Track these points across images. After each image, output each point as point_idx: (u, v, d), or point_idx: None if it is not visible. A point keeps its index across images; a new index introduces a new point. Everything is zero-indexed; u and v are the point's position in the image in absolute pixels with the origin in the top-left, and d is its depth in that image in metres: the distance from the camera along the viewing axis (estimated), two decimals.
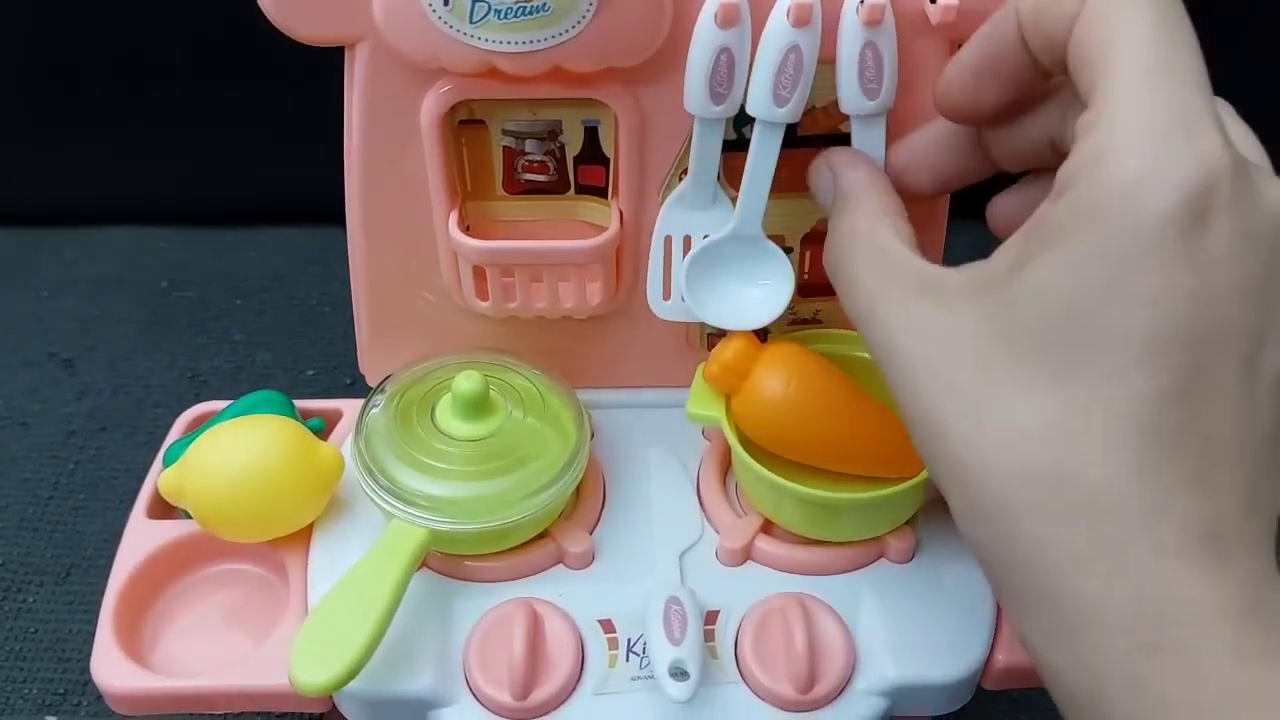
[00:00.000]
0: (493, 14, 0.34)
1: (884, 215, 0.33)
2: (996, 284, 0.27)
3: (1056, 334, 0.25)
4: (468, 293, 0.42)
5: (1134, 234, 0.24)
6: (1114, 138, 0.25)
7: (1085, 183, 0.25)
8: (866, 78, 0.36)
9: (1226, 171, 0.24)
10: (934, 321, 0.28)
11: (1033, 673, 0.37)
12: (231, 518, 0.38)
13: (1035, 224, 0.26)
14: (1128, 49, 0.26)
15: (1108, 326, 0.24)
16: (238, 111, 0.69)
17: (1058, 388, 0.25)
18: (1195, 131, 0.24)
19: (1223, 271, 0.24)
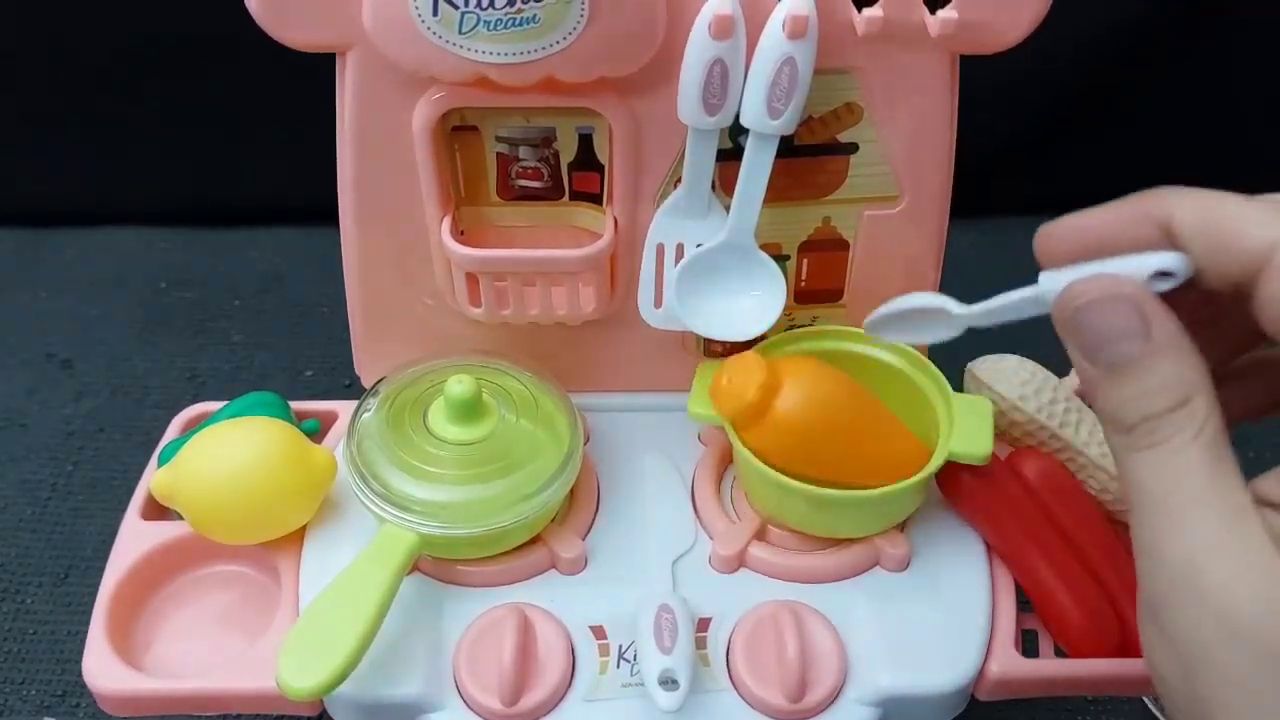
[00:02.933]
0: (482, 25, 0.34)
1: (1227, 443, 0.28)
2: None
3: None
4: (461, 299, 0.42)
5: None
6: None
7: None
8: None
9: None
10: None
11: (1027, 683, 0.38)
12: (223, 520, 0.38)
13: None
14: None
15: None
16: (237, 112, 0.69)
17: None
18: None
19: None
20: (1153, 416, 0.27)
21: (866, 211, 0.41)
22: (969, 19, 0.36)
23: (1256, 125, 0.73)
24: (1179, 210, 0.29)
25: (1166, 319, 0.28)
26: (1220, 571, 0.26)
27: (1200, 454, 0.27)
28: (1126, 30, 0.69)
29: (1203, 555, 0.26)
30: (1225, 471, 0.27)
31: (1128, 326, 0.28)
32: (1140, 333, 0.28)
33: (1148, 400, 0.27)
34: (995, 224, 0.75)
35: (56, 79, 0.70)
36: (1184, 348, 0.28)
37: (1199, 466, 0.27)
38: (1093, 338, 0.29)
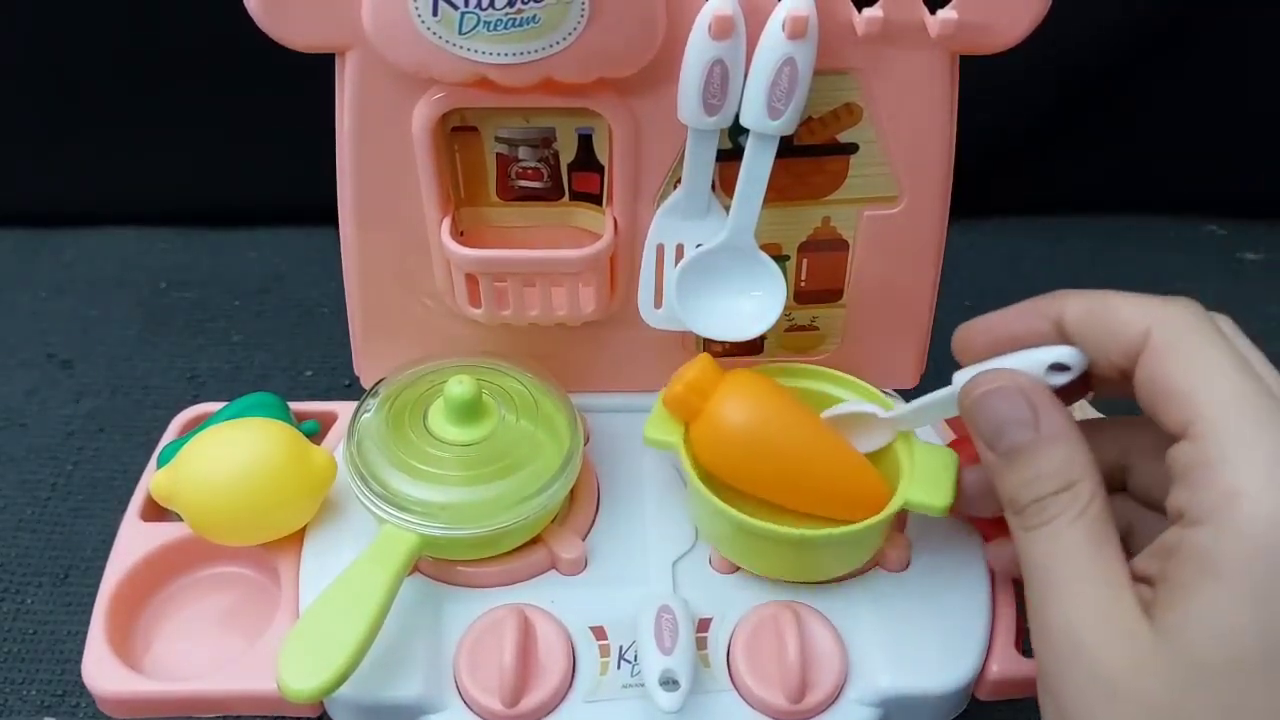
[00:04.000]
0: (482, 25, 0.34)
1: (1110, 522, 0.30)
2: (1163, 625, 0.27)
3: (1252, 666, 0.26)
4: (461, 299, 0.42)
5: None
6: (1242, 478, 0.27)
7: (1229, 518, 0.27)
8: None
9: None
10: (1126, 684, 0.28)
11: (1027, 683, 0.38)
12: (223, 521, 0.38)
13: (1175, 554, 0.28)
14: (1218, 386, 0.28)
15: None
16: (237, 112, 0.68)
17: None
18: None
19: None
20: (1041, 498, 0.30)
21: (866, 212, 0.41)
22: (969, 19, 0.36)
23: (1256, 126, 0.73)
24: (1068, 307, 0.32)
25: (1054, 409, 0.31)
26: (1097, 638, 0.28)
27: (1082, 533, 0.29)
28: (1126, 30, 0.69)
29: (1081, 625, 0.28)
30: (1105, 548, 0.29)
31: (1018, 416, 0.31)
32: (1029, 422, 0.31)
33: (1037, 484, 0.30)
34: (995, 224, 0.76)
35: (56, 79, 0.69)
36: (1071, 435, 0.30)
37: (1081, 544, 0.29)
38: (988, 426, 0.32)
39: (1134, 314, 0.30)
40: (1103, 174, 0.75)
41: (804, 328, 0.45)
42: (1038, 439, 0.31)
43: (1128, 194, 0.76)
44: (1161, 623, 0.27)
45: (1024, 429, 0.31)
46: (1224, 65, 0.70)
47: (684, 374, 0.38)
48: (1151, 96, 0.72)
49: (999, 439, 0.31)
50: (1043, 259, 0.74)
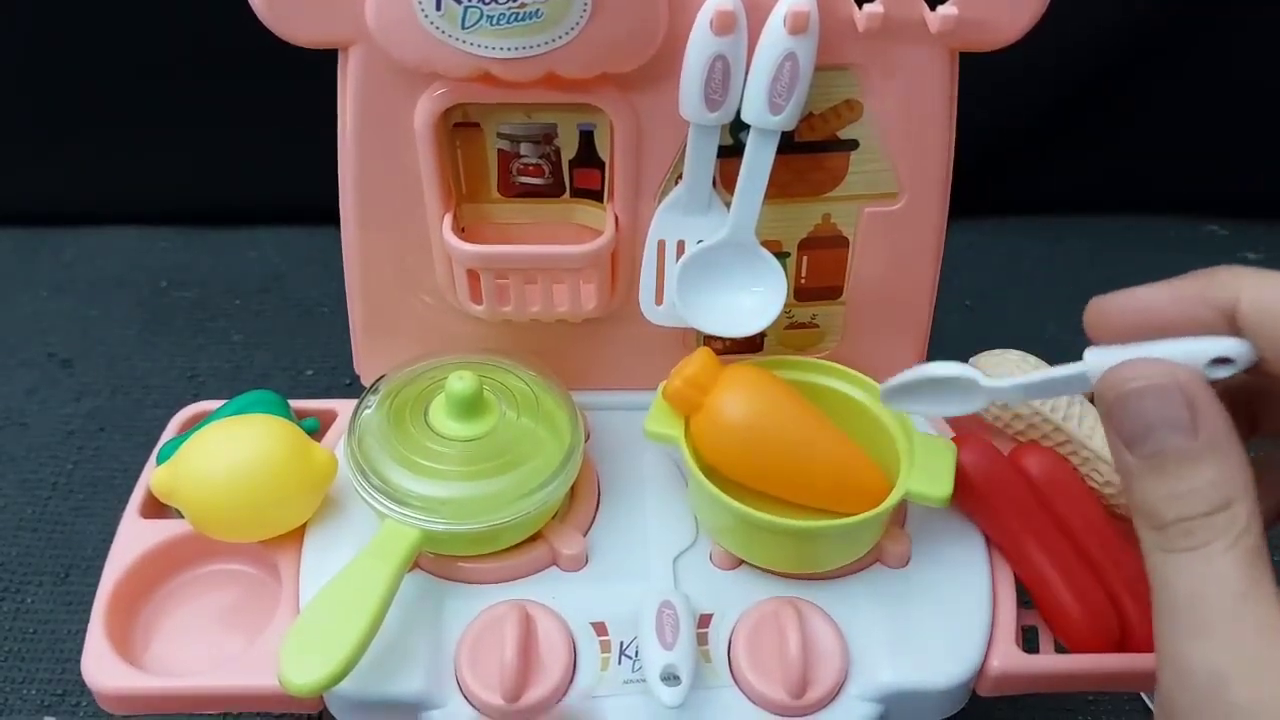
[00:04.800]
0: (485, 20, 0.34)
1: (1266, 553, 0.26)
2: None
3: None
4: (462, 296, 0.42)
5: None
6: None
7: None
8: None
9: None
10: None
11: (1027, 679, 0.38)
12: (223, 517, 0.38)
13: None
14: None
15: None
16: (237, 112, 0.69)
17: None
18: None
19: None
20: (1190, 518, 0.26)
21: (866, 209, 0.41)
22: (969, 15, 0.36)
23: (1256, 126, 0.73)
24: (1247, 294, 0.27)
25: (1216, 415, 0.26)
26: (1246, 691, 0.24)
27: (1236, 563, 0.25)
28: (1126, 30, 0.69)
29: (1230, 672, 0.25)
30: (1260, 584, 0.25)
31: (1174, 418, 0.26)
32: (1186, 427, 0.26)
33: (1187, 500, 0.26)
34: (995, 224, 0.76)
35: (56, 79, 0.70)
36: (1231, 448, 0.26)
37: (1233, 576, 0.25)
38: (1135, 425, 0.27)
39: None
40: (1103, 174, 0.75)
41: (804, 325, 0.45)
42: (1194, 447, 0.26)
43: (1128, 194, 0.77)
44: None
45: (1179, 434, 0.26)
46: (1224, 65, 0.70)
47: (683, 368, 0.38)
48: (1151, 96, 0.72)
49: (1144, 441, 0.27)
50: (1043, 259, 0.74)
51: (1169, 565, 0.26)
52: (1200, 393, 0.27)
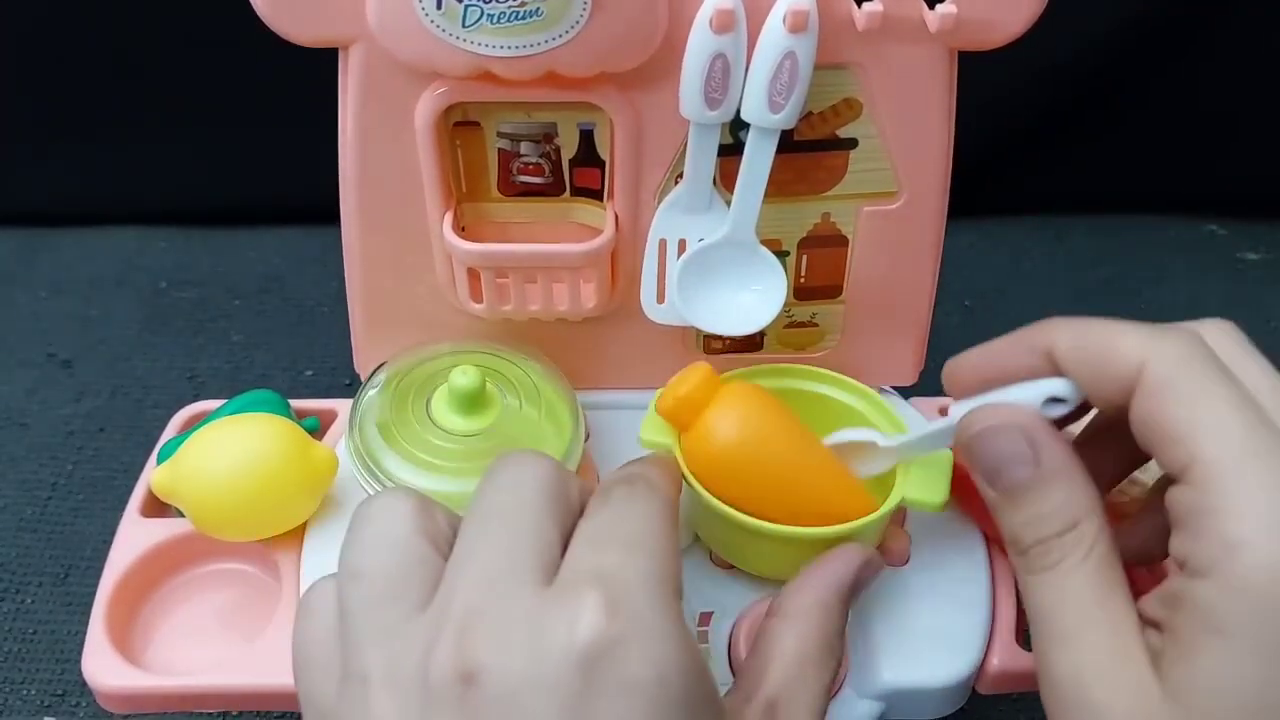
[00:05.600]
0: (486, 18, 0.34)
1: (1117, 563, 0.29)
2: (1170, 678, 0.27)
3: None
4: (462, 294, 0.42)
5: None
6: (1246, 530, 0.26)
7: (1231, 572, 0.26)
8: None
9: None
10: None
11: (1027, 677, 0.38)
12: (224, 516, 0.38)
13: (1181, 606, 0.27)
14: (1217, 429, 0.27)
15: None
16: (237, 111, 0.69)
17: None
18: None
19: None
20: (1044, 540, 0.29)
21: (866, 208, 0.41)
22: (968, 14, 0.36)
23: (1256, 126, 0.73)
24: (1058, 339, 0.31)
25: (1055, 445, 0.30)
26: (1102, 690, 0.27)
27: (1088, 576, 0.28)
28: (1126, 30, 0.69)
29: (1087, 674, 0.27)
30: (1114, 593, 0.28)
31: (1017, 452, 0.30)
32: (1029, 459, 0.30)
33: (1039, 524, 0.29)
34: (995, 224, 0.76)
35: (56, 79, 0.70)
36: (1073, 472, 0.29)
37: (1087, 587, 0.28)
38: (987, 464, 0.31)
39: (1127, 347, 0.29)
40: (1103, 174, 0.75)
41: (803, 324, 0.45)
42: (1038, 476, 0.30)
43: (1128, 194, 0.77)
44: (1169, 678, 0.26)
45: (1024, 466, 0.30)
46: (1224, 65, 0.70)
47: (677, 387, 0.37)
48: (1151, 96, 0.72)
49: (998, 477, 0.30)
50: (1043, 259, 0.74)
51: (1032, 585, 0.29)
52: (1037, 428, 0.30)
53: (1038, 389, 0.31)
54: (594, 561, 0.28)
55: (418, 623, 0.27)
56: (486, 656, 0.25)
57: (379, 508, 0.30)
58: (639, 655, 0.25)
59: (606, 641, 0.25)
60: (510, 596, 0.26)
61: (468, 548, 0.28)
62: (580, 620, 0.25)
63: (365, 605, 0.28)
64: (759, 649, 0.32)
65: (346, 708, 0.26)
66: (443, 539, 0.29)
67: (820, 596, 0.33)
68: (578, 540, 0.29)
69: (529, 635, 0.25)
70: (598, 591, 0.26)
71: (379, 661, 0.26)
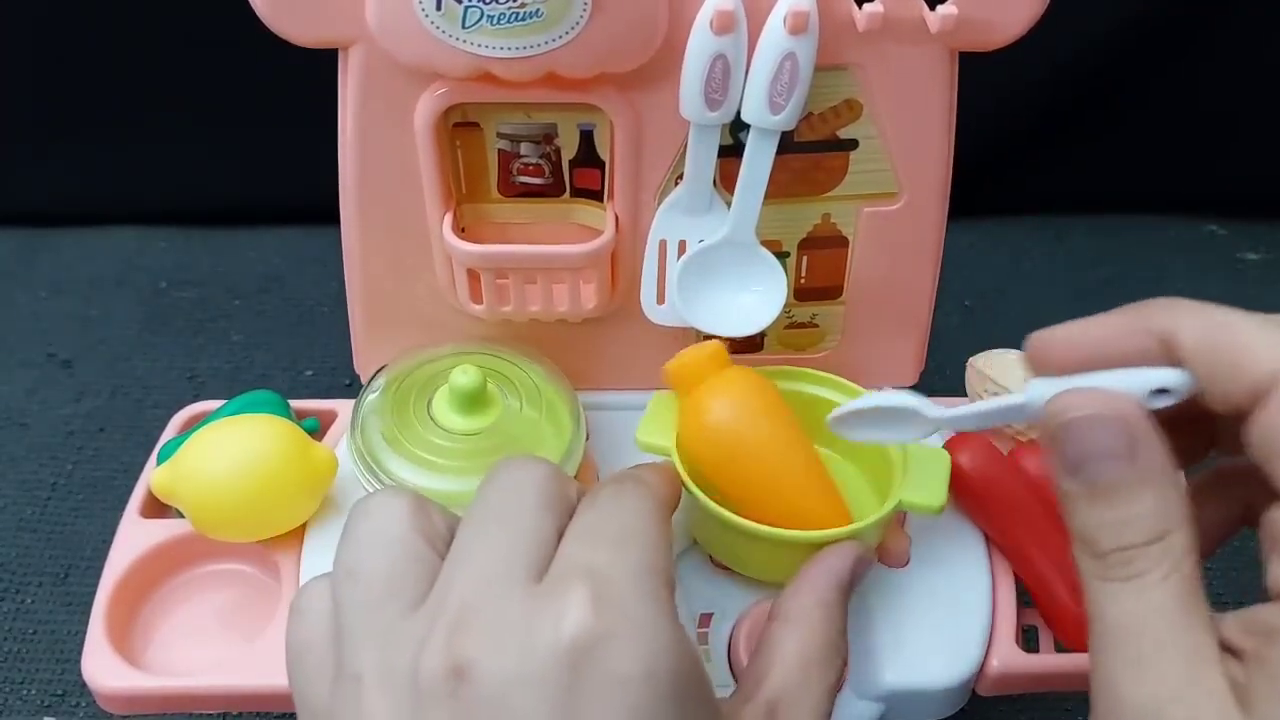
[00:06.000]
0: (485, 19, 0.34)
1: (1201, 585, 0.26)
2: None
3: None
4: (462, 295, 0.42)
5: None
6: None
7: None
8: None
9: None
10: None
11: (1027, 678, 0.38)
12: (224, 517, 0.38)
13: (1276, 638, 0.25)
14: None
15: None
16: (237, 111, 0.69)
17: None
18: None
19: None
20: (1128, 547, 0.26)
21: (866, 208, 0.41)
22: (968, 15, 0.36)
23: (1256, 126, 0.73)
24: (1185, 326, 0.28)
25: (1156, 445, 0.27)
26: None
27: (1172, 594, 0.26)
28: (1126, 30, 0.69)
29: (1163, 704, 0.25)
30: (1195, 615, 0.26)
31: (1114, 446, 0.27)
32: (1126, 455, 0.27)
33: (1125, 529, 0.27)
34: (995, 224, 0.76)
35: (56, 79, 0.70)
36: (1168, 478, 0.27)
37: (1170, 607, 0.26)
38: (1075, 453, 0.28)
39: (1266, 349, 0.26)
40: (1103, 174, 0.75)
41: (804, 325, 0.45)
42: (1132, 476, 0.27)
43: (1128, 194, 0.77)
44: (1257, 712, 0.24)
45: (1118, 463, 0.27)
46: (1224, 65, 0.70)
47: (686, 353, 0.37)
48: (1151, 96, 0.72)
49: (1084, 468, 0.27)
50: (1043, 259, 0.74)
51: (1105, 594, 0.27)
52: (1139, 423, 0.27)
53: (1145, 377, 0.27)
54: (582, 558, 0.28)
55: (412, 621, 0.27)
56: (476, 653, 0.25)
57: (375, 506, 0.30)
58: (626, 650, 0.25)
59: (593, 637, 0.25)
60: (503, 594, 0.26)
61: (464, 547, 0.28)
62: (567, 616, 0.25)
63: (360, 604, 0.28)
64: (760, 653, 0.32)
65: (340, 707, 0.26)
66: (439, 539, 0.29)
67: (820, 596, 0.33)
68: (567, 539, 0.29)
69: (518, 632, 0.25)
70: (584, 587, 0.26)
71: (372, 660, 0.26)
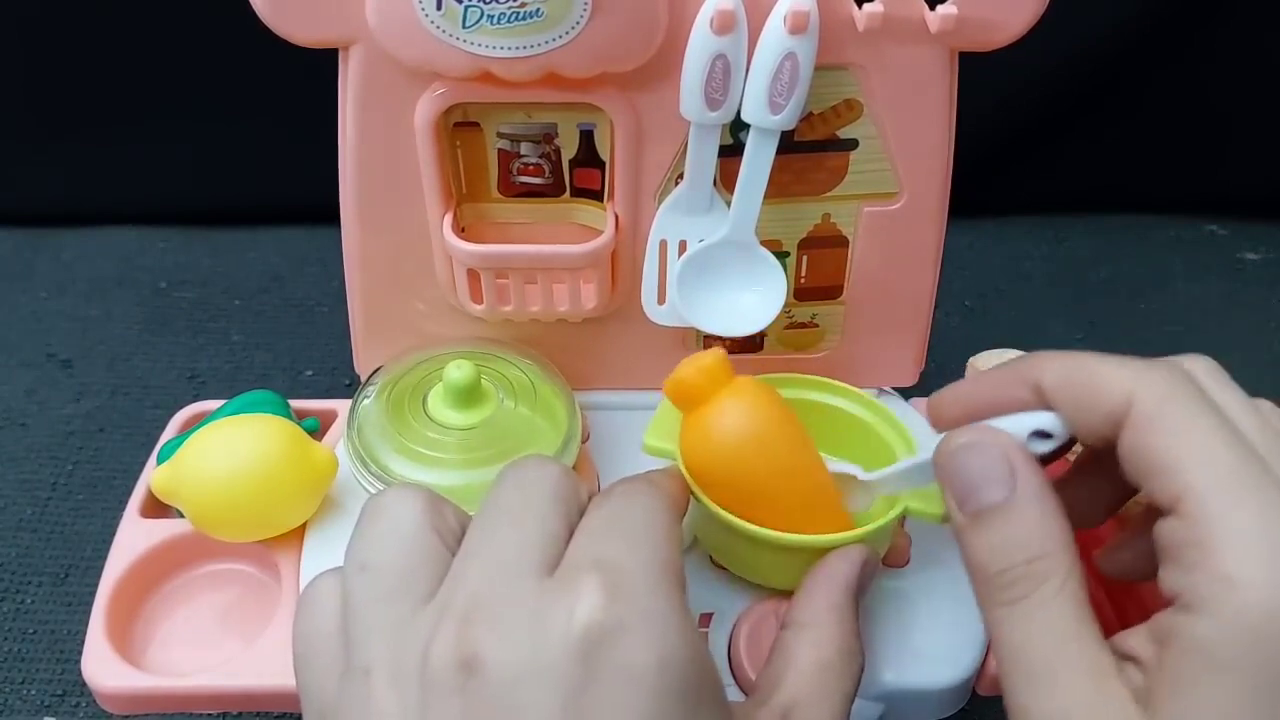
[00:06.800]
0: (486, 19, 0.34)
1: (1086, 601, 0.28)
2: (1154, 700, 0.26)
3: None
4: (462, 295, 0.42)
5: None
6: (1241, 564, 0.25)
7: (1227, 607, 0.25)
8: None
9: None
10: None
11: None
12: (224, 517, 0.38)
13: (1173, 642, 0.26)
14: (1206, 461, 0.26)
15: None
16: (237, 111, 0.69)
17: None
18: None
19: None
20: (1013, 567, 0.28)
21: (866, 208, 0.41)
22: (968, 15, 0.36)
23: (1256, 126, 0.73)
24: (1048, 371, 0.30)
25: (1032, 471, 0.29)
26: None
27: (1061, 613, 0.27)
28: (1126, 30, 0.69)
29: (1071, 714, 0.26)
30: (1085, 629, 0.27)
31: (994, 472, 0.29)
32: (1005, 480, 0.28)
33: (1009, 550, 0.28)
34: (995, 224, 0.76)
35: (56, 79, 0.70)
36: (1047, 502, 0.28)
37: (1060, 627, 0.27)
38: (961, 483, 0.29)
39: (1115, 380, 0.28)
40: (1103, 174, 0.75)
41: (804, 325, 0.45)
42: (1012, 500, 0.28)
43: (1128, 194, 0.77)
44: (1160, 715, 0.25)
45: (999, 487, 0.28)
46: (1224, 65, 0.70)
47: (685, 367, 0.36)
48: (1151, 96, 0.72)
49: (971, 497, 0.29)
50: (1043, 259, 0.74)
51: (1000, 619, 0.28)
52: (1016, 451, 0.29)
53: (1023, 421, 0.30)
54: (594, 552, 0.28)
55: (422, 615, 0.27)
56: (487, 645, 0.25)
57: (390, 502, 0.30)
58: (639, 641, 0.25)
59: (606, 627, 0.25)
60: (514, 587, 0.26)
61: (475, 543, 0.28)
62: (579, 606, 0.25)
63: (371, 598, 0.28)
64: (774, 660, 0.32)
65: (347, 701, 0.26)
66: (451, 535, 0.29)
67: (832, 600, 0.33)
68: (579, 535, 0.29)
69: (529, 623, 0.25)
70: (597, 578, 0.26)
71: (382, 653, 0.26)
